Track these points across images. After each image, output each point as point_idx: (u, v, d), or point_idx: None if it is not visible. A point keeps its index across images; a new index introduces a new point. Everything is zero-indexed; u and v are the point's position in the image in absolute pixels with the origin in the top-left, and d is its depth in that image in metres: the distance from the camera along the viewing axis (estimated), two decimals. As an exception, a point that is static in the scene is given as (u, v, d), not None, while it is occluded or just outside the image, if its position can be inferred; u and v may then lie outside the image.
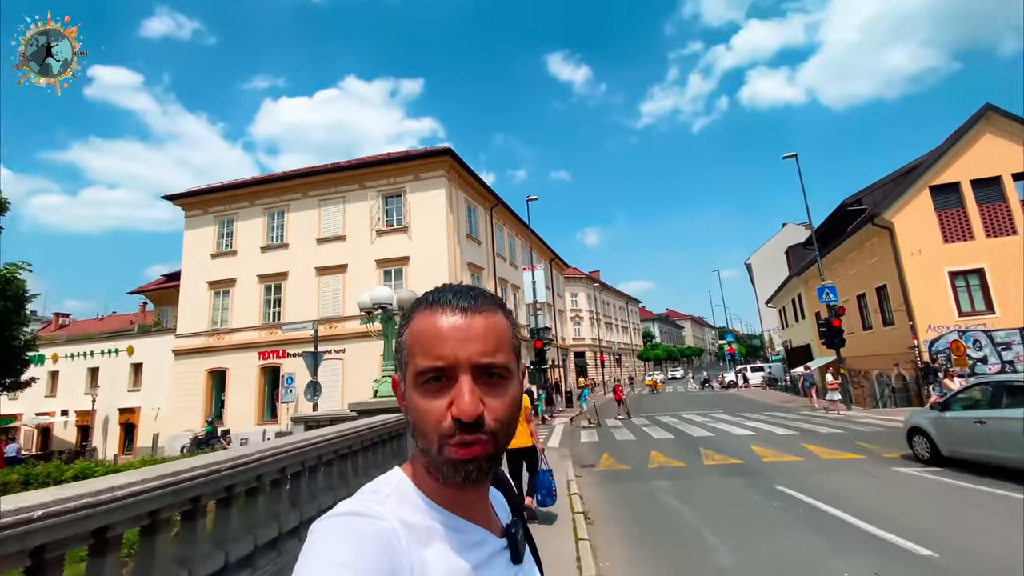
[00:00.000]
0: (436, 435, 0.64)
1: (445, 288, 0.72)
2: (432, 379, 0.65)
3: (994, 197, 18.29)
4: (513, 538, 0.74)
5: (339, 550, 0.56)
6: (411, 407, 0.67)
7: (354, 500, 0.66)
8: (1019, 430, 7.20)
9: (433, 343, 0.65)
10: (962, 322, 17.64)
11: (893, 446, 10.78)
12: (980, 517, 6.09)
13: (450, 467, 0.64)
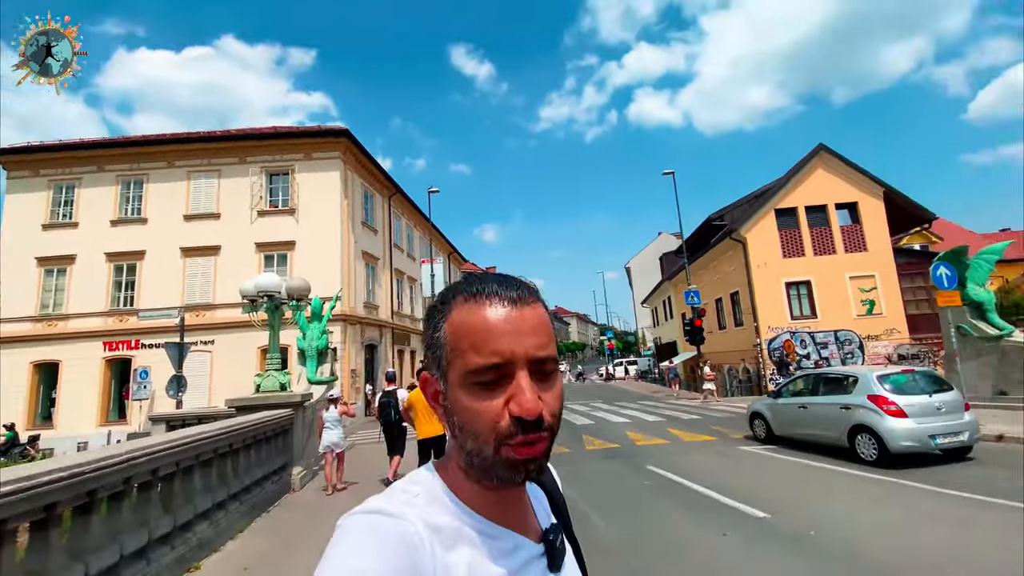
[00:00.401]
0: (493, 436, 0.60)
1: (485, 277, 0.68)
2: (487, 380, 0.61)
3: (821, 222, 22.05)
4: (551, 544, 0.70)
5: (359, 551, 0.55)
6: (458, 408, 0.63)
7: (382, 498, 0.64)
8: (831, 413, 8.87)
9: (486, 338, 0.61)
10: (793, 324, 21.07)
11: (739, 429, 12.57)
12: (803, 484, 7.42)
13: (508, 468, 0.61)
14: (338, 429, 8.25)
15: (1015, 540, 4.68)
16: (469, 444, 0.63)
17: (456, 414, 0.64)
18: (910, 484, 6.83)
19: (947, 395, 8.03)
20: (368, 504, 0.62)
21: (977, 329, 12.38)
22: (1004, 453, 8.31)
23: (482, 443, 0.61)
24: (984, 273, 12.68)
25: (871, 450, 8.02)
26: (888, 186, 21.77)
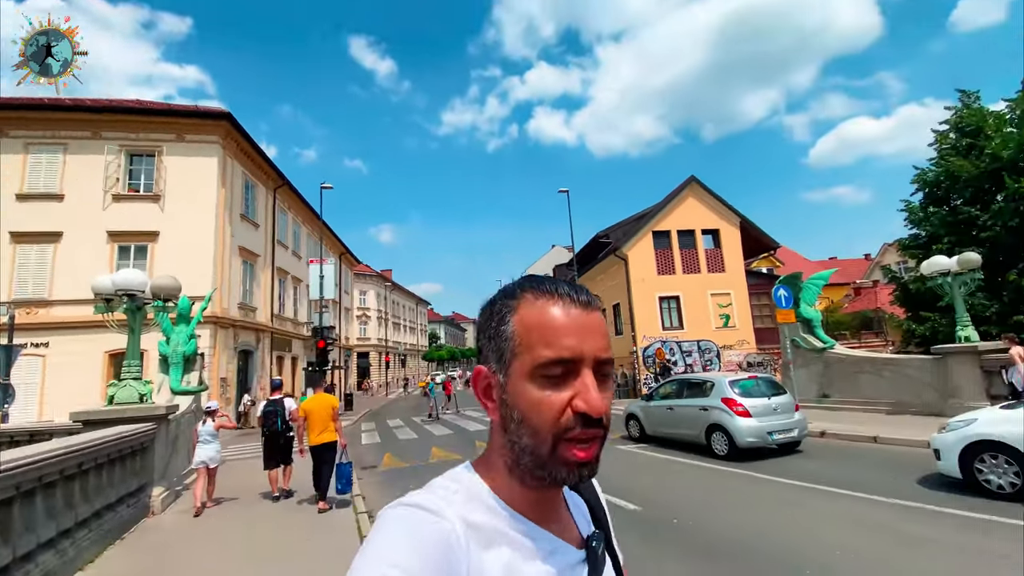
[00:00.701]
0: (553, 430, 0.61)
1: (550, 279, 0.70)
2: (554, 373, 0.62)
3: (690, 245, 24.88)
4: (592, 552, 0.70)
5: (395, 545, 0.55)
6: (520, 400, 0.63)
7: (422, 493, 0.64)
8: (692, 414, 10.08)
9: (558, 334, 0.62)
10: (664, 335, 23.44)
11: (617, 430, 13.68)
12: (670, 477, 8.36)
13: (564, 468, 0.62)
14: (215, 443, 7.56)
15: (834, 519, 5.79)
16: (526, 439, 0.63)
17: (517, 407, 0.64)
18: (754, 474, 8.05)
19: (782, 398, 9.58)
20: (408, 498, 0.63)
21: (807, 342, 14.88)
22: (826, 447, 10.09)
23: (541, 438, 0.62)
24: (814, 295, 15.31)
25: (723, 446, 9.28)
26: (744, 217, 25.25)
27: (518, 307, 0.66)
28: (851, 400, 13.28)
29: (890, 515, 5.68)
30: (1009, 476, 5.80)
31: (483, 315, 0.72)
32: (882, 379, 12.67)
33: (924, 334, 15.60)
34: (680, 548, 5.15)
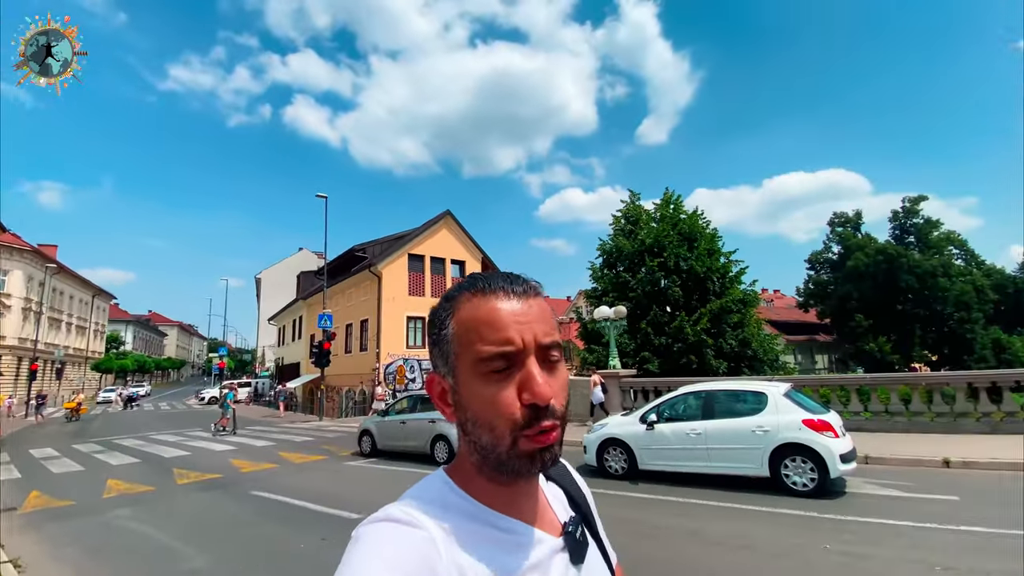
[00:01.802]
0: (509, 427, 0.61)
1: (488, 275, 0.69)
2: (497, 368, 0.61)
3: (440, 271, 26.96)
4: (571, 537, 0.70)
5: (374, 562, 0.55)
6: (472, 400, 0.63)
7: (395, 505, 0.64)
8: (422, 427, 11.06)
9: (494, 327, 0.62)
10: (408, 353, 24.54)
11: (350, 446, 13.73)
12: (393, 488, 8.96)
13: (525, 460, 0.62)
14: None
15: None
16: (484, 438, 0.62)
17: (469, 408, 0.63)
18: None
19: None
20: (381, 513, 0.62)
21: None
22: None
23: (498, 436, 0.61)
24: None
25: (444, 454, 10.50)
26: (486, 254, 28.81)
27: (456, 309, 0.66)
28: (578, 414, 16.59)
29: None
30: (620, 462, 8.46)
31: (428, 322, 0.72)
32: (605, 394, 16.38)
33: (592, 362, 20.79)
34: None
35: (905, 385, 11.62)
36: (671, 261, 20.72)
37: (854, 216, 47.37)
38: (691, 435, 7.89)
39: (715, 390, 8.24)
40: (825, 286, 46.36)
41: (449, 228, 27.68)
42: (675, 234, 21.48)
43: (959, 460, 8.16)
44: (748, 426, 7.47)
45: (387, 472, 10.34)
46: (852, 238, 45.32)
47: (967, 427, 10.34)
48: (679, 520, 6.30)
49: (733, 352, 20.02)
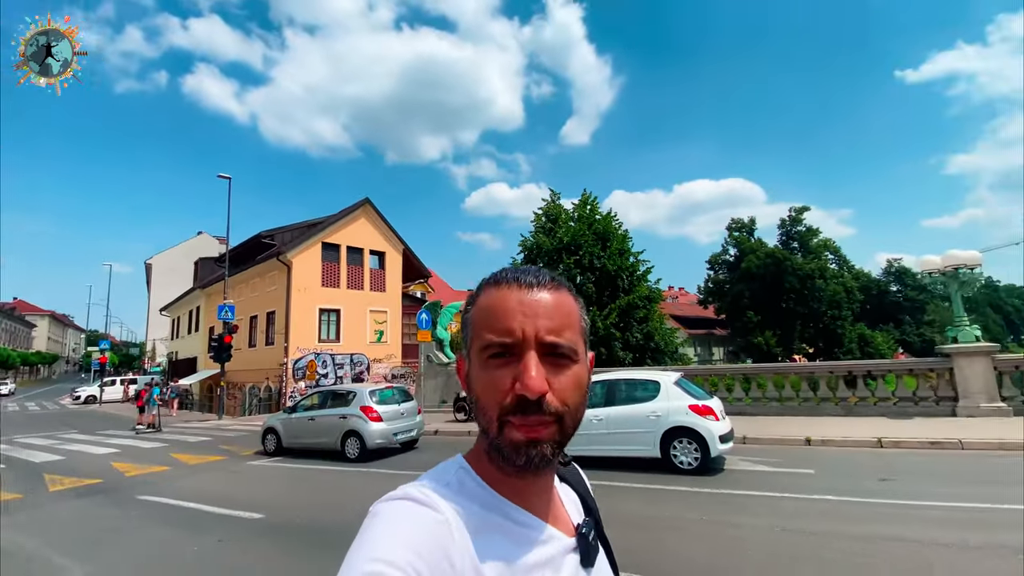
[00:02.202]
0: (497, 411, 0.62)
1: (512, 268, 0.71)
2: (497, 354, 0.63)
3: (357, 262, 26.02)
4: (584, 539, 0.71)
5: (390, 538, 0.55)
6: (475, 383, 0.66)
7: (413, 485, 0.65)
8: (332, 423, 10.75)
9: (499, 318, 0.64)
10: (319, 347, 23.50)
11: (252, 445, 12.99)
12: (299, 484, 8.69)
13: (511, 449, 0.62)
14: None
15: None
16: (482, 420, 0.65)
17: (474, 390, 0.66)
18: (375, 471, 9.29)
19: (409, 403, 11.39)
20: (399, 491, 0.63)
21: (438, 358, 17.89)
22: (437, 442, 12.40)
23: (489, 420, 0.63)
24: (447, 320, 18.60)
25: (355, 449, 10.29)
26: (407, 245, 28.25)
27: (478, 297, 0.70)
28: (461, 406, 16.78)
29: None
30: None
31: None
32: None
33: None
34: (303, 544, 5.64)
35: (778, 374, 13.17)
36: (586, 259, 21.74)
37: (749, 222, 52.23)
38: (594, 421, 8.43)
39: (616, 379, 8.86)
40: (722, 285, 50.74)
41: (368, 217, 26.80)
42: (591, 234, 22.55)
43: (818, 439, 9.44)
44: (644, 412, 8.14)
45: (292, 470, 9.95)
46: (746, 242, 49.99)
47: (828, 410, 11.96)
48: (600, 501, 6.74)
49: (639, 344, 21.47)
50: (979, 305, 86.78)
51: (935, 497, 5.90)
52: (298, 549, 5.49)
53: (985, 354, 10.62)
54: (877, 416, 11.17)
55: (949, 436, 8.73)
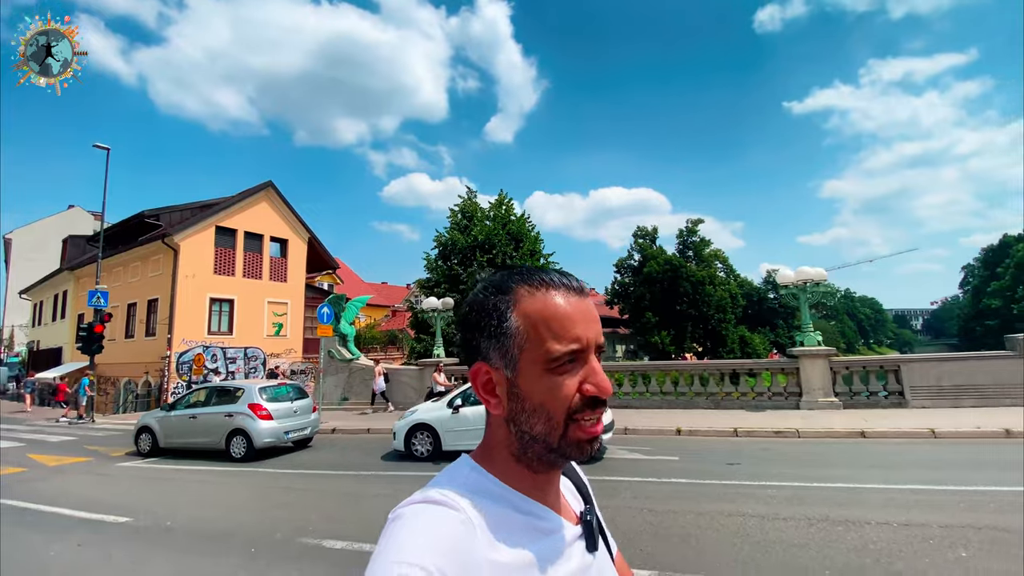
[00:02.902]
0: (565, 414, 0.65)
1: (544, 270, 0.72)
2: (568, 361, 0.65)
3: (256, 249, 24.38)
4: (588, 526, 0.74)
5: (414, 541, 0.56)
6: (534, 391, 0.66)
7: (430, 489, 0.66)
8: (216, 421, 10.16)
9: (565, 325, 0.65)
10: (209, 339, 21.77)
11: (123, 446, 11.87)
12: (172, 487, 8.16)
13: (574, 447, 0.66)
14: None
15: (317, 494, 7.28)
16: (539, 427, 0.66)
17: (530, 399, 0.66)
18: (261, 470, 8.96)
19: (303, 401, 11.05)
20: (419, 495, 0.65)
21: (340, 354, 17.37)
22: (335, 440, 12.12)
23: (554, 423, 0.65)
24: (352, 314, 18.10)
25: (241, 449, 9.83)
26: (313, 234, 26.94)
27: (516, 302, 0.68)
28: (364, 402, 16.48)
29: (356, 484, 7.77)
30: (427, 445, 9.04)
31: (473, 312, 0.72)
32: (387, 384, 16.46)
33: (420, 351, 21.28)
34: (170, 547, 5.39)
35: (660, 371, 14.50)
36: (499, 258, 22.26)
37: (652, 231, 56.14)
38: (489, 417, 8.81)
39: (512, 377, 9.30)
40: (627, 288, 54.14)
41: (270, 201, 25.20)
42: (504, 233, 23.09)
43: (687, 429, 10.60)
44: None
45: (166, 471, 9.30)
46: (649, 249, 53.71)
47: (700, 404, 13.40)
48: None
49: (545, 342, 22.37)
50: (838, 313, 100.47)
51: (769, 477, 6.97)
52: (165, 552, 5.26)
53: (824, 356, 12.53)
54: (738, 409, 12.74)
55: (789, 426, 10.23)
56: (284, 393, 10.82)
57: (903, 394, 11.85)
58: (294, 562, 4.78)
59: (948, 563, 4.08)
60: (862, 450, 8.58)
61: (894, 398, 11.93)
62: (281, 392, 10.83)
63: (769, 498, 6.07)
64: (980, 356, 11.87)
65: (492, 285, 0.71)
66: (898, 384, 11.96)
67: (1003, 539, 4.45)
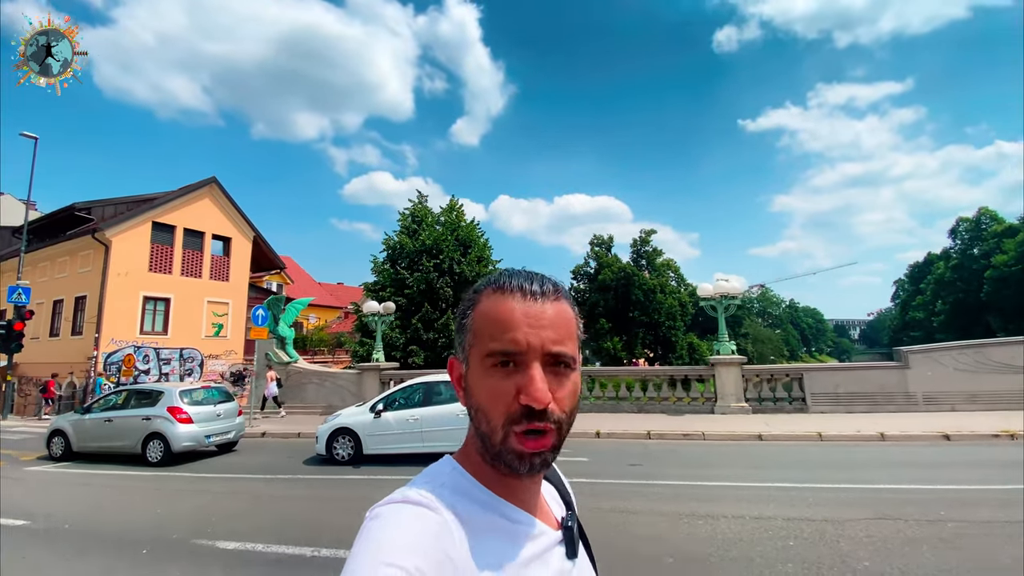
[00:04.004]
0: (503, 419, 0.63)
1: (514, 272, 0.72)
2: (501, 362, 0.64)
3: (196, 246, 23.66)
4: (569, 532, 0.73)
5: (391, 540, 0.55)
6: (475, 390, 0.66)
7: (409, 488, 0.65)
8: (134, 424, 9.98)
9: (505, 327, 0.65)
10: (141, 339, 20.98)
11: (36, 449, 11.41)
12: (78, 491, 8.02)
13: (515, 457, 0.64)
14: None
15: (224, 496, 7.33)
16: (483, 426, 0.66)
17: (474, 396, 0.67)
18: (176, 474, 8.90)
19: (228, 405, 10.97)
20: (398, 494, 0.63)
21: (278, 357, 17.15)
22: (263, 445, 12.03)
23: (492, 428, 0.64)
24: (292, 316, 17.91)
25: (159, 453, 9.69)
26: (259, 233, 26.36)
27: (479, 300, 0.69)
28: (299, 405, 16.36)
29: (269, 487, 7.88)
30: (348, 449, 9.21)
31: (459, 307, 0.75)
32: (323, 388, 16.40)
33: (363, 354, 21.22)
34: (62, 550, 5.40)
35: (591, 376, 15.12)
36: (446, 264, 22.47)
37: (608, 239, 57.65)
38: (410, 421, 9.09)
39: (435, 381, 9.62)
40: (583, 294, 55.31)
41: (214, 198, 24.52)
42: (453, 239, 23.34)
43: (606, 432, 11.18)
44: (455, 411, 9.00)
45: (78, 476, 9.08)
46: (604, 257, 55.16)
47: (624, 408, 14.08)
48: (388, 493, 7.32)
49: (491, 347, 22.72)
50: (783, 322, 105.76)
51: (662, 477, 7.56)
52: (56, 554, 5.28)
53: (737, 364, 13.45)
54: (660, 413, 13.49)
55: (697, 429, 10.98)
56: (205, 396, 10.72)
57: (805, 400, 12.88)
58: (181, 562, 4.92)
59: (776, 550, 4.68)
60: (755, 451, 9.37)
61: (797, 404, 12.96)
62: (205, 395, 10.72)
63: (654, 495, 6.62)
64: (870, 366, 13.07)
65: (473, 287, 0.74)
66: (801, 391, 13.00)
67: (828, 530, 5.11)
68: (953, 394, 12.29)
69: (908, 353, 12.81)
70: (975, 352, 12.52)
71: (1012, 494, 6.02)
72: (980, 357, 12.45)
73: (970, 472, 7.20)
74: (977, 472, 7.20)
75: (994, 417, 10.94)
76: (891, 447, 9.38)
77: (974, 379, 12.32)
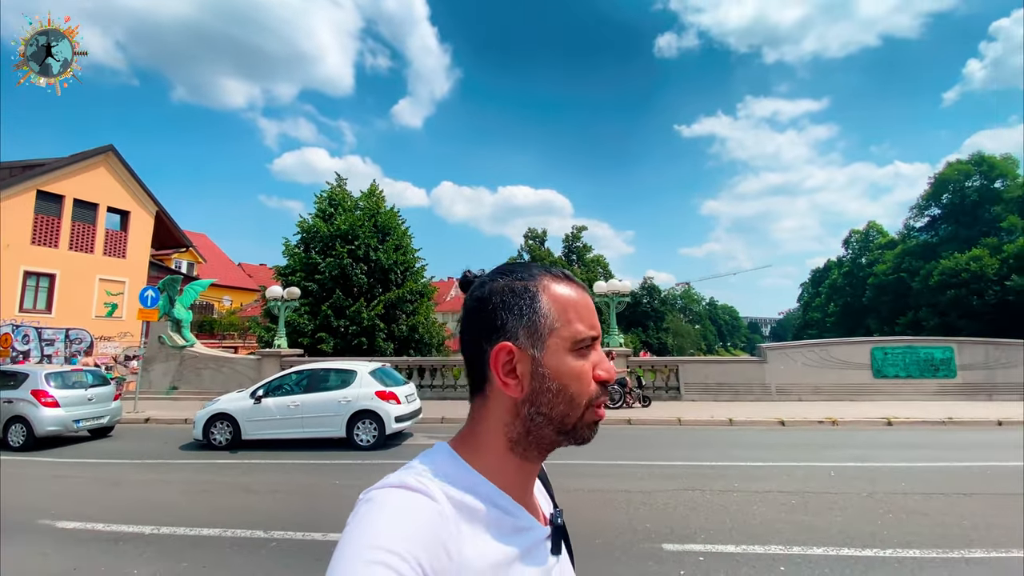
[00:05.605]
0: (587, 397, 0.67)
1: (539, 264, 0.76)
2: (588, 345, 0.68)
3: (88, 219, 21.91)
4: (557, 528, 0.73)
5: (385, 524, 0.55)
6: (560, 372, 0.66)
7: (405, 473, 0.64)
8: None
9: (585, 314, 0.69)
10: (20, 317, 19.29)
11: None
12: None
13: (587, 429, 0.69)
14: None
15: (77, 482, 7.25)
16: (561, 407, 0.67)
17: (557, 379, 0.66)
18: (37, 459, 8.59)
19: (103, 389, 10.59)
20: (391, 479, 0.62)
21: (172, 340, 16.47)
22: (145, 430, 11.66)
23: (575, 406, 0.67)
24: (190, 299, 17.21)
25: (20, 437, 9.27)
26: (163, 208, 24.77)
27: (544, 288, 0.70)
28: (194, 391, 15.85)
29: (133, 472, 7.85)
30: (226, 434, 9.27)
31: (497, 295, 0.70)
32: (220, 373, 15.98)
33: (268, 340, 20.72)
34: None
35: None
36: (361, 250, 22.23)
37: (542, 233, 59.06)
38: (291, 407, 9.28)
39: (316, 368, 9.85)
40: (513, 285, 56.40)
41: (111, 168, 22.73)
42: (370, 225, 23.10)
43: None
44: (336, 398, 9.29)
45: None
46: (538, 250, 56.47)
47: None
48: (273, 476, 7.53)
49: (403, 336, 22.86)
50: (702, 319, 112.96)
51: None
52: None
53: (623, 356, 14.62)
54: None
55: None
56: (76, 379, 10.29)
57: (679, 389, 14.28)
58: (15, 540, 4.98)
59: (592, 518, 5.46)
60: (620, 435, 10.38)
61: (673, 392, 14.33)
62: (71, 378, 10.27)
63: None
64: (735, 360, 14.70)
65: (513, 272, 0.73)
66: (676, 381, 14.38)
67: (635, 499, 5.99)
68: (801, 386, 14.12)
69: (767, 350, 14.53)
70: (820, 350, 14.43)
71: (768, 471, 7.29)
72: (824, 355, 14.37)
73: (762, 452, 8.52)
74: (764, 452, 8.53)
75: (828, 407, 12.76)
76: (735, 430, 10.76)
77: (819, 373, 14.22)
